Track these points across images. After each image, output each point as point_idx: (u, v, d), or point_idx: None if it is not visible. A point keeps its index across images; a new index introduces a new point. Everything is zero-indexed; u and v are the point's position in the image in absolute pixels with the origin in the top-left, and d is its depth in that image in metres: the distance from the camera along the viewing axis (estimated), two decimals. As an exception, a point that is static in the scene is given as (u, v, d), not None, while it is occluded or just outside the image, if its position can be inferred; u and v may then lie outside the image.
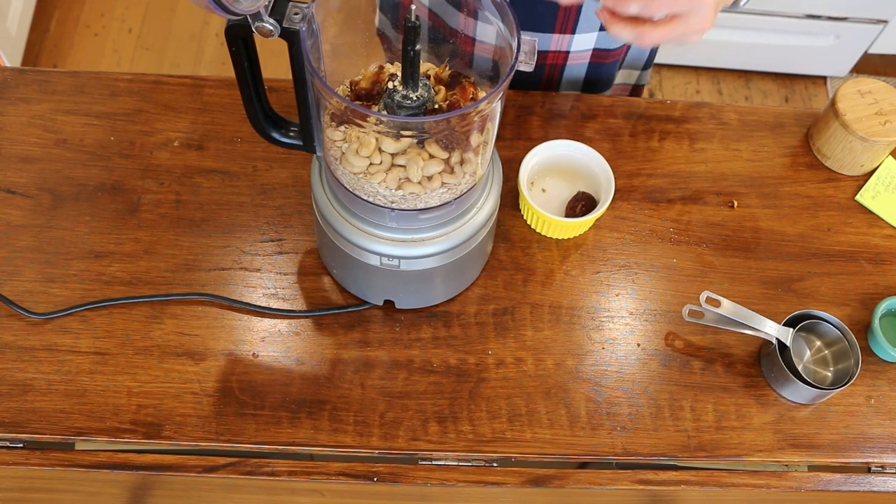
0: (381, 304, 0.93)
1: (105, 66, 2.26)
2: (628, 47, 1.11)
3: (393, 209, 0.78)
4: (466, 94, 0.77)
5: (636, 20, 0.76)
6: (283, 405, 0.88)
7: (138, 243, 0.96)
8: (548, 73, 1.10)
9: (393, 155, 0.75)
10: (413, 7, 0.67)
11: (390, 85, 0.74)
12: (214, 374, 0.89)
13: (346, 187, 0.79)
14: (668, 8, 0.75)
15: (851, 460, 0.89)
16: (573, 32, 1.02)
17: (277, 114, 0.82)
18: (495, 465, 0.88)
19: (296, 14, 0.67)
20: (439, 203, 0.79)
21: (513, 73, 0.69)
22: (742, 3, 0.88)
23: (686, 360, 0.93)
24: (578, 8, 0.98)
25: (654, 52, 1.14)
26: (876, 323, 0.93)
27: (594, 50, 1.06)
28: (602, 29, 1.03)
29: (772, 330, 0.89)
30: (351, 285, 0.93)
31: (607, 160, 0.98)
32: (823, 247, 1.01)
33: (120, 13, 2.36)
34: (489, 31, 0.99)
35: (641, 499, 0.97)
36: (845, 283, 0.99)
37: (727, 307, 0.90)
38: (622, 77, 1.19)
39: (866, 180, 1.06)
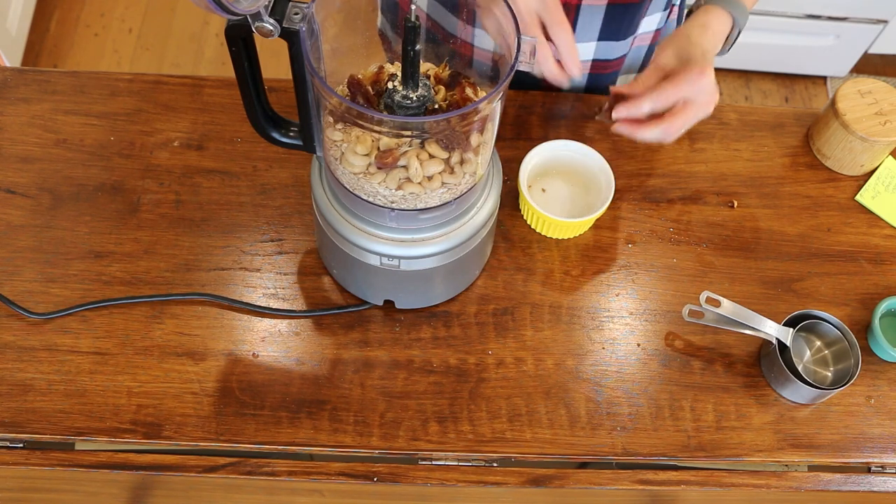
0: (381, 304, 0.93)
1: (105, 66, 2.26)
2: (626, 56, 1.11)
3: (393, 209, 0.78)
4: (466, 94, 0.77)
5: (655, 118, 0.88)
6: (283, 405, 0.88)
7: (138, 243, 0.96)
8: (548, 83, 1.10)
9: (393, 155, 0.75)
10: (413, 7, 0.67)
11: (390, 85, 0.74)
12: (214, 374, 0.89)
13: (346, 187, 0.79)
14: (675, 96, 0.84)
15: (851, 460, 0.89)
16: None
17: (277, 114, 0.82)
18: (495, 465, 0.88)
19: (296, 14, 0.67)
20: (439, 203, 0.79)
21: (513, 73, 0.70)
22: (727, 49, 0.93)
23: (686, 360, 0.93)
24: (575, 16, 0.98)
25: (648, 56, 1.14)
26: (876, 323, 0.93)
27: (593, 61, 1.06)
28: (601, 38, 1.03)
29: (772, 330, 0.89)
30: (351, 285, 0.93)
31: (607, 160, 0.98)
32: (823, 247, 1.01)
33: (120, 13, 2.36)
34: (487, 37, 0.99)
35: (641, 499, 0.97)
36: (845, 283, 0.99)
37: (727, 307, 0.90)
38: (620, 82, 1.19)
39: (866, 180, 1.06)
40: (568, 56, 0.85)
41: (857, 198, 1.05)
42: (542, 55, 0.85)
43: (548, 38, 0.85)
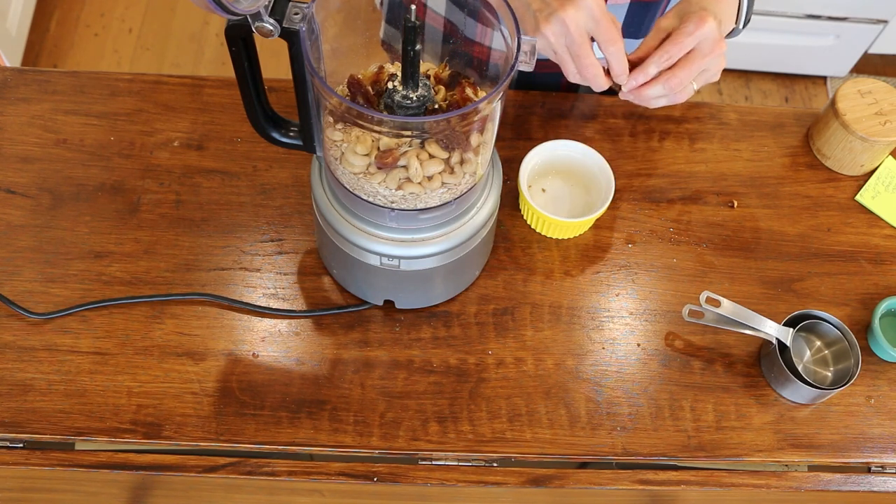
0: (381, 304, 0.93)
1: (105, 66, 2.26)
2: None
3: (393, 209, 0.78)
4: (466, 94, 0.77)
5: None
6: (283, 405, 0.88)
7: (138, 243, 0.96)
8: (545, 83, 1.10)
9: (393, 155, 0.75)
10: (413, 6, 0.67)
11: (390, 85, 0.74)
12: (214, 374, 0.89)
13: (346, 187, 0.79)
14: (678, 51, 0.86)
15: (851, 460, 0.89)
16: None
17: (277, 114, 0.82)
18: (495, 465, 0.88)
19: (296, 14, 0.67)
20: (439, 203, 0.79)
21: (513, 73, 0.70)
22: (741, 26, 0.92)
23: (686, 360, 0.93)
24: None
25: None
26: (876, 323, 0.93)
27: None
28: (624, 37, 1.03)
29: (772, 330, 0.89)
30: (351, 285, 0.93)
31: (607, 160, 0.98)
32: (823, 247, 1.01)
33: (120, 13, 2.36)
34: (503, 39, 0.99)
35: (641, 499, 0.97)
36: (845, 283, 0.99)
37: (727, 307, 0.90)
38: None
39: (866, 180, 1.06)
40: (619, 70, 0.86)
41: (857, 198, 1.05)
42: (591, 74, 0.85)
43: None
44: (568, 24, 0.81)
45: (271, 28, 0.66)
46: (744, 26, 0.93)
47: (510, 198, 1.01)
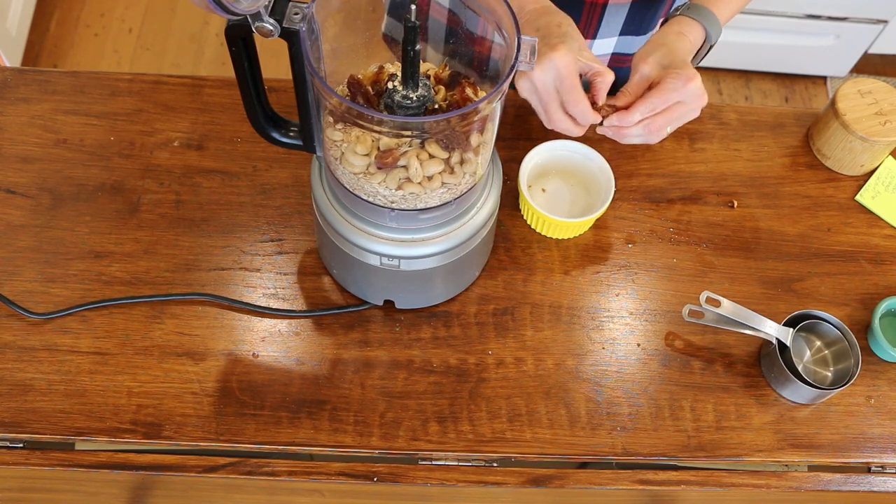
0: (381, 304, 0.93)
1: (105, 66, 2.26)
2: None
3: (393, 209, 0.78)
4: (466, 94, 0.77)
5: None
6: (283, 405, 0.88)
7: (138, 243, 0.96)
8: None
9: (393, 155, 0.75)
10: (413, 6, 0.67)
11: (390, 85, 0.74)
12: (214, 374, 0.89)
13: (346, 187, 0.79)
14: (662, 105, 0.88)
15: (851, 460, 0.89)
16: (594, 38, 1.03)
17: (277, 114, 0.82)
18: (495, 465, 0.88)
19: (296, 14, 0.67)
20: (439, 203, 0.79)
21: (513, 73, 0.70)
22: (695, 64, 0.95)
23: (686, 360, 0.93)
24: (601, 14, 0.99)
25: None
26: (876, 323, 0.93)
27: (613, 54, 1.06)
28: (622, 34, 1.03)
29: (772, 330, 0.90)
30: (351, 285, 0.93)
31: (607, 160, 0.98)
32: (823, 247, 1.01)
33: (120, 13, 2.36)
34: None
35: (641, 499, 0.97)
36: (845, 283, 0.99)
37: (727, 307, 0.90)
38: None
39: (866, 180, 1.06)
40: (585, 123, 0.88)
41: (857, 198, 1.05)
42: (562, 128, 0.88)
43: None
44: (535, 83, 0.85)
45: (271, 28, 0.66)
46: (696, 64, 0.97)
47: (510, 198, 1.01)
